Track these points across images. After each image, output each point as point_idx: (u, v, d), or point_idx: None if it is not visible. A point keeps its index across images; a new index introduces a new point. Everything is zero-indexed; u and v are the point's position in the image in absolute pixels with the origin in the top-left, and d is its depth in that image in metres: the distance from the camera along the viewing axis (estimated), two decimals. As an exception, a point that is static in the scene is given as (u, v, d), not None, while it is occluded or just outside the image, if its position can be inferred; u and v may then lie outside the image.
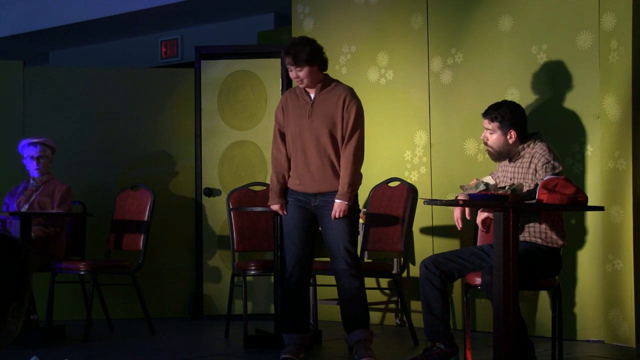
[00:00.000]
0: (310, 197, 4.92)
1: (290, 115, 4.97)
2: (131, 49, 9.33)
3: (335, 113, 4.88)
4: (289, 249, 4.97)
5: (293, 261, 4.95)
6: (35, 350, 5.25)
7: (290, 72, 4.92)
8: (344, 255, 4.86)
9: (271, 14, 8.37)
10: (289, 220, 4.98)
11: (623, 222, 5.39)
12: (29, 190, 6.41)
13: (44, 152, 6.42)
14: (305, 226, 4.96)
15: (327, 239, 4.92)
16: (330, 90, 4.94)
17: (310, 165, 4.91)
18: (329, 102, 4.91)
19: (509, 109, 4.71)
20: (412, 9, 6.46)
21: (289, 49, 4.89)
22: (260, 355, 5.27)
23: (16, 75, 7.21)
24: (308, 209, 4.95)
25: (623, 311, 5.38)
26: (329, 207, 4.87)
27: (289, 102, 5.01)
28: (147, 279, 6.87)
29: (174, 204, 7.24)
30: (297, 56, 4.85)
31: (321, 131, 4.88)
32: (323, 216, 4.91)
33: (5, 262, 1.69)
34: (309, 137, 4.90)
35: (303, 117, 4.92)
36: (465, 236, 5.83)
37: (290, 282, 4.98)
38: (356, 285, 4.89)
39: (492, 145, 4.73)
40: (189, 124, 7.33)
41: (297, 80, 4.92)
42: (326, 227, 4.91)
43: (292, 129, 4.94)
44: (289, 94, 5.06)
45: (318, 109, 4.90)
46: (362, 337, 4.87)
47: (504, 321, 4.16)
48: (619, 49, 5.44)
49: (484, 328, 5.98)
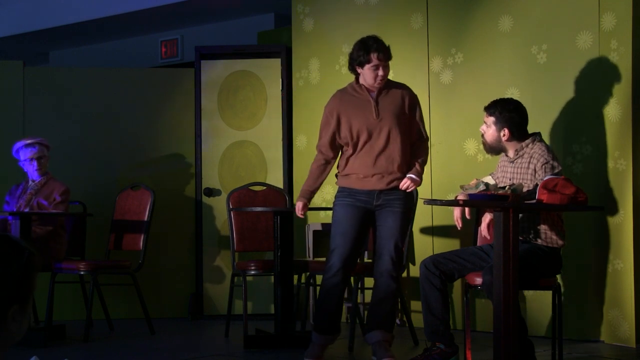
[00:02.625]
0: (374, 196, 4.89)
1: (351, 114, 4.89)
2: (131, 49, 9.33)
3: (402, 110, 4.88)
4: (339, 248, 4.85)
5: (339, 263, 4.83)
6: (35, 350, 5.25)
7: (376, 70, 4.81)
8: (391, 253, 4.80)
9: (271, 14, 8.37)
10: (344, 220, 4.88)
11: (623, 222, 5.39)
12: (28, 194, 6.38)
13: (42, 152, 6.40)
14: (361, 229, 4.89)
15: (381, 237, 4.86)
16: (390, 88, 4.92)
17: (378, 163, 4.86)
18: (393, 99, 4.89)
19: (508, 107, 4.73)
20: (412, 9, 6.46)
21: (381, 43, 4.84)
22: (260, 355, 5.27)
23: (16, 75, 7.21)
24: (368, 208, 4.88)
25: (623, 311, 5.38)
26: (391, 204, 4.84)
27: (345, 102, 4.93)
28: (147, 279, 6.87)
29: (174, 204, 7.25)
30: (388, 51, 4.85)
31: (390, 129, 4.85)
32: (382, 213, 4.86)
33: (5, 264, 1.68)
34: (377, 135, 4.86)
35: (369, 115, 4.87)
36: (465, 236, 5.83)
37: (332, 282, 4.86)
38: (393, 288, 4.85)
39: (486, 139, 4.81)
40: (189, 124, 7.33)
41: (379, 78, 4.82)
42: (382, 224, 4.85)
43: (358, 128, 4.88)
44: (342, 95, 4.97)
45: (384, 107, 4.87)
46: (382, 338, 4.84)
47: (504, 321, 4.16)
48: (619, 49, 5.44)
49: (484, 328, 5.98)
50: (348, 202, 4.89)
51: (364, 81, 4.88)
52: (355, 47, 4.89)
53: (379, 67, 4.80)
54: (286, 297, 5.48)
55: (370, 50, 4.80)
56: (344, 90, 4.98)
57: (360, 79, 4.90)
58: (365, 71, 4.84)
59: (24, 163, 6.41)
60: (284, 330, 5.48)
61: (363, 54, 4.81)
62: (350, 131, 4.87)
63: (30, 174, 6.42)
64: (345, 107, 4.90)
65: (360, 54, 4.83)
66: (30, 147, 6.36)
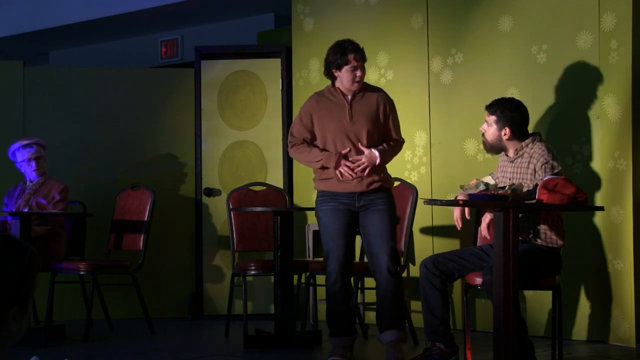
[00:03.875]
0: (355, 198, 4.89)
1: (325, 117, 4.92)
2: (131, 49, 9.33)
3: (376, 114, 4.89)
4: (332, 255, 4.87)
5: (336, 268, 4.86)
6: (35, 350, 5.25)
7: (354, 71, 4.83)
8: (387, 251, 4.80)
9: (271, 14, 8.37)
10: (331, 225, 4.89)
11: (623, 222, 5.39)
12: (27, 194, 6.37)
13: (39, 152, 6.38)
14: (348, 231, 4.89)
15: (370, 237, 4.87)
16: (366, 91, 4.94)
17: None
18: (368, 103, 4.91)
19: (509, 106, 4.74)
20: (412, 9, 6.46)
21: (357, 45, 4.87)
22: (260, 355, 5.27)
23: (16, 75, 7.21)
24: (352, 210, 4.89)
25: (623, 311, 5.38)
26: (374, 203, 4.85)
27: (321, 105, 4.95)
28: (147, 279, 6.87)
29: (174, 204, 7.25)
30: (364, 52, 4.88)
31: (362, 132, 4.86)
32: (366, 214, 4.87)
33: (6, 264, 1.68)
34: (352, 138, 4.86)
35: (342, 119, 4.89)
36: (465, 236, 5.83)
37: (334, 289, 4.89)
38: (393, 285, 4.84)
39: (487, 138, 4.81)
40: (189, 124, 7.33)
41: (356, 79, 4.85)
42: (369, 224, 4.86)
43: (331, 131, 4.90)
44: (319, 97, 4.99)
45: (358, 111, 4.88)
46: (394, 337, 4.85)
47: (504, 321, 4.16)
48: (619, 49, 5.44)
49: (484, 328, 5.98)
50: (331, 206, 4.90)
51: (341, 84, 4.92)
52: (331, 50, 4.92)
53: (357, 68, 4.84)
54: (286, 297, 5.48)
55: (347, 51, 4.84)
56: (321, 93, 5.03)
57: (337, 82, 4.93)
58: (343, 73, 4.87)
59: (21, 164, 6.39)
60: (284, 330, 5.48)
61: (340, 56, 4.85)
62: (324, 134, 4.90)
63: (29, 174, 6.40)
64: (319, 111, 4.94)
65: (337, 57, 4.87)
66: (28, 147, 6.34)
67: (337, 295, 4.89)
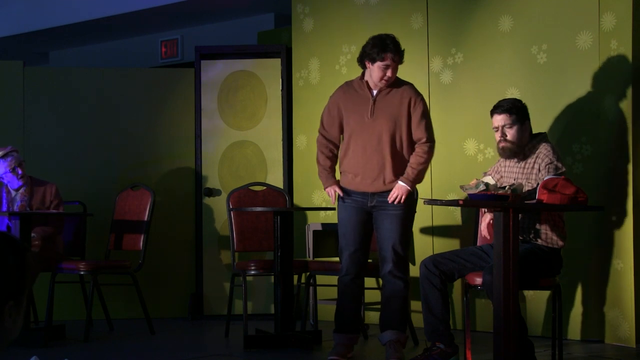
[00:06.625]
0: (368, 197, 4.89)
1: (350, 110, 4.88)
2: (131, 49, 9.33)
3: (399, 111, 4.83)
4: (345, 250, 4.93)
5: (348, 262, 4.92)
6: (35, 350, 5.25)
7: (386, 70, 4.76)
8: (391, 255, 4.82)
9: (271, 14, 8.37)
10: (345, 221, 4.92)
11: (623, 222, 5.39)
12: (20, 206, 6.27)
13: (18, 158, 6.27)
14: (361, 229, 4.91)
15: (379, 239, 4.89)
16: (393, 87, 4.86)
17: (369, 164, 4.85)
18: (392, 100, 4.85)
19: (518, 102, 4.73)
20: (412, 9, 6.46)
21: (398, 46, 4.78)
22: (260, 356, 5.27)
23: (16, 75, 7.21)
24: (365, 209, 4.90)
25: (623, 311, 5.38)
26: (386, 207, 4.85)
27: (347, 96, 4.92)
28: (147, 279, 6.87)
29: (174, 204, 7.24)
30: (402, 55, 4.80)
31: (383, 130, 4.82)
32: (378, 216, 4.87)
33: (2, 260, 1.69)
34: (370, 135, 4.83)
35: (364, 115, 4.85)
36: (465, 236, 5.84)
37: (345, 281, 4.94)
38: (399, 286, 4.86)
39: (512, 140, 4.65)
40: (189, 124, 7.33)
41: (385, 78, 4.79)
42: (380, 227, 4.87)
43: (353, 125, 4.87)
44: (347, 88, 4.94)
45: (381, 107, 4.84)
46: (393, 338, 4.85)
47: (504, 321, 4.17)
48: (619, 49, 5.44)
49: (484, 328, 5.98)
50: (347, 203, 4.94)
51: (369, 77, 4.86)
52: (371, 42, 4.81)
53: (389, 67, 4.77)
54: (286, 297, 5.48)
55: (386, 49, 4.74)
56: (350, 83, 4.98)
57: (367, 73, 4.88)
58: (374, 68, 4.79)
59: (5, 175, 6.25)
60: (284, 330, 5.48)
61: (378, 51, 4.75)
62: (348, 127, 4.89)
63: (13, 183, 6.31)
64: (345, 102, 4.92)
65: (375, 51, 4.76)
66: (8, 157, 6.22)
67: (346, 288, 4.94)
